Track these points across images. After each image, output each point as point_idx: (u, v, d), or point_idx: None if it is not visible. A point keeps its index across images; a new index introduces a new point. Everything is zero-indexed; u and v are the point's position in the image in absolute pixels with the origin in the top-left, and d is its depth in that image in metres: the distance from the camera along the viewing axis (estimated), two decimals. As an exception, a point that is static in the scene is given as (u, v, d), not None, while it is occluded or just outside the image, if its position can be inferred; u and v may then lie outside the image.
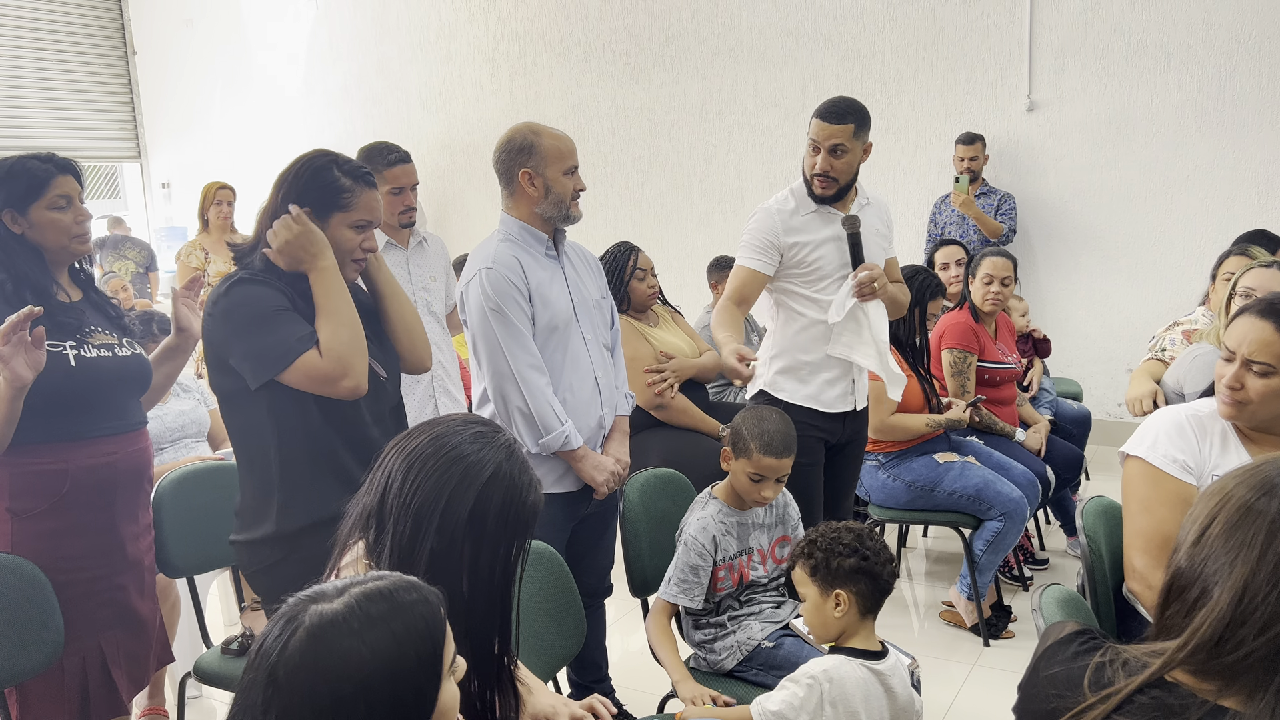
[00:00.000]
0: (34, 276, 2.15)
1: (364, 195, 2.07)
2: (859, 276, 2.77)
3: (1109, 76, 5.52)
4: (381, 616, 1.01)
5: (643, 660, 2.60)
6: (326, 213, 2.04)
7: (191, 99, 9.09)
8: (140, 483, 2.34)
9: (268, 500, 2.03)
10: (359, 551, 1.49)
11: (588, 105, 7.12)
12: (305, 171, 2.04)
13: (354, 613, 1.00)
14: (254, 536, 2.05)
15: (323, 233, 2.03)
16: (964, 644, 3.40)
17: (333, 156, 2.08)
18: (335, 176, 2.04)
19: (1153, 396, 3.13)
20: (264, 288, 1.99)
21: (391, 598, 1.03)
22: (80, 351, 2.18)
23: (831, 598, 1.93)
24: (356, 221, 2.06)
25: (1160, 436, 2.04)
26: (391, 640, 1.00)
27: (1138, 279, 5.60)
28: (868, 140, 2.81)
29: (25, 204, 2.15)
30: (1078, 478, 4.08)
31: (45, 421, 2.11)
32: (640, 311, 3.69)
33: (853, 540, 1.95)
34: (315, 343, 1.96)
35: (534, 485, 1.46)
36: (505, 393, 2.46)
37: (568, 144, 2.51)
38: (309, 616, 1.00)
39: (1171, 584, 1.10)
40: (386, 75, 7.96)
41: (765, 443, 2.27)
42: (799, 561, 2.01)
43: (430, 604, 1.06)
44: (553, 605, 2.14)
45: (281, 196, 2.04)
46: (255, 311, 1.96)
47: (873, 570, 1.93)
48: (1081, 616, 1.73)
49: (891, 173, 6.13)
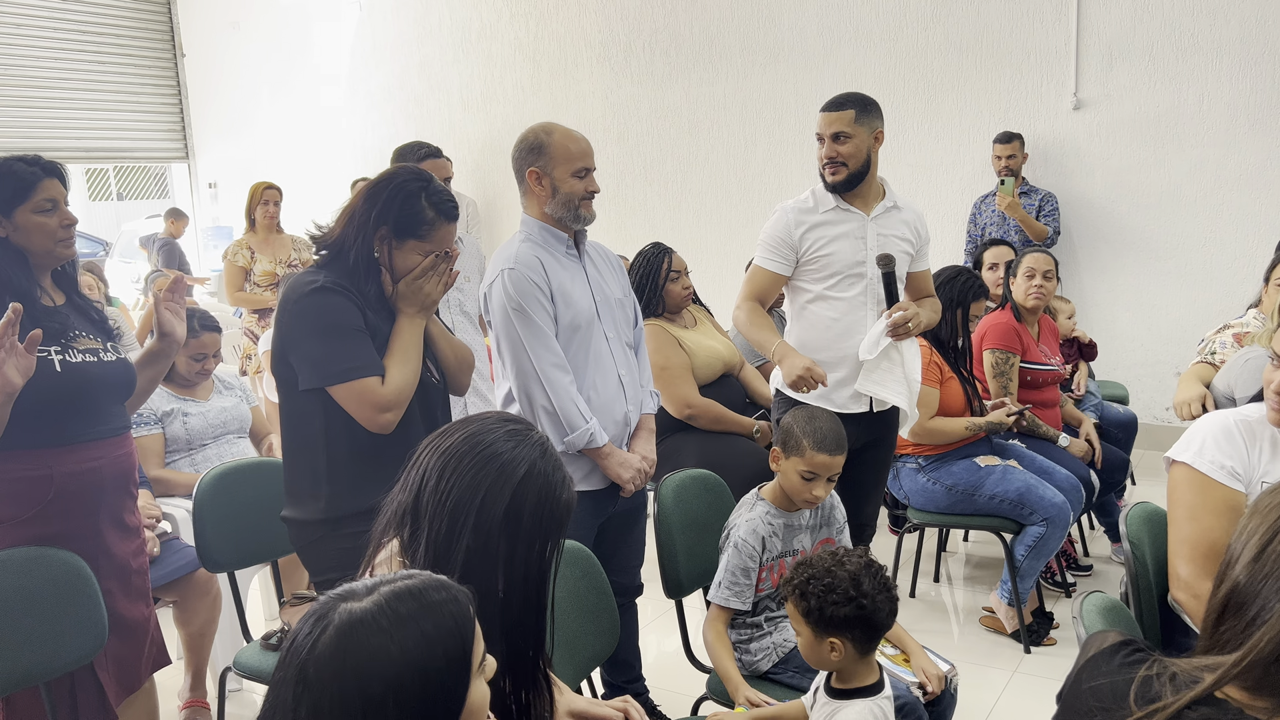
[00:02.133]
0: (17, 280, 2.13)
1: (442, 229, 2.14)
2: (893, 317, 2.76)
3: (1158, 74, 5.41)
4: (411, 615, 1.01)
5: (677, 661, 2.59)
6: (404, 237, 2.11)
7: (238, 100, 9.22)
8: (126, 486, 2.32)
9: (315, 487, 2.12)
10: (393, 549, 1.50)
11: (627, 105, 7.12)
12: (398, 193, 2.11)
13: (383, 611, 1.00)
14: (302, 517, 2.15)
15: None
16: (1004, 650, 3.35)
17: (425, 183, 2.13)
18: (422, 207, 2.11)
19: (1201, 400, 3.07)
20: (346, 301, 2.07)
21: (421, 597, 1.03)
22: (65, 356, 2.16)
23: (826, 643, 1.82)
24: (429, 251, 2.14)
25: (1208, 442, 1.99)
26: (421, 639, 1.00)
27: (1187, 281, 5.49)
28: (877, 127, 2.82)
29: (10, 207, 2.13)
30: (1123, 482, 4.00)
31: (30, 427, 2.09)
32: (674, 313, 3.68)
33: (848, 587, 1.79)
34: (380, 372, 2.06)
35: (567, 483, 1.47)
36: (530, 392, 2.46)
37: (580, 145, 2.50)
38: (338, 615, 1.00)
39: (1229, 599, 1.07)
40: (428, 76, 8.02)
41: (818, 440, 2.26)
42: (790, 595, 1.87)
43: (459, 603, 1.06)
44: (586, 605, 2.14)
45: (375, 212, 2.10)
46: (332, 322, 2.05)
47: (870, 618, 1.80)
48: (1124, 626, 1.69)
49: (933, 172, 6.06)
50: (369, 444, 2.10)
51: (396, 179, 2.13)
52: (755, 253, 2.95)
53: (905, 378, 2.86)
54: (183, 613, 3.01)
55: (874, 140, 2.82)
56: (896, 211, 2.93)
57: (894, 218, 2.91)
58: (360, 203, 2.13)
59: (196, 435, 3.42)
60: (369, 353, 2.06)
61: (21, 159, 2.17)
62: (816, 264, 2.86)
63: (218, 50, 9.26)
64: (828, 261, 2.84)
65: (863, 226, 2.86)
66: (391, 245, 2.11)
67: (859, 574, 1.81)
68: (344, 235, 2.14)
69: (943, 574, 4.04)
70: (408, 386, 2.09)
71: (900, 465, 3.54)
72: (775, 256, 2.89)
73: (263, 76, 9.01)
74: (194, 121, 9.62)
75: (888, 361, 2.84)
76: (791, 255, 2.87)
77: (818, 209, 2.88)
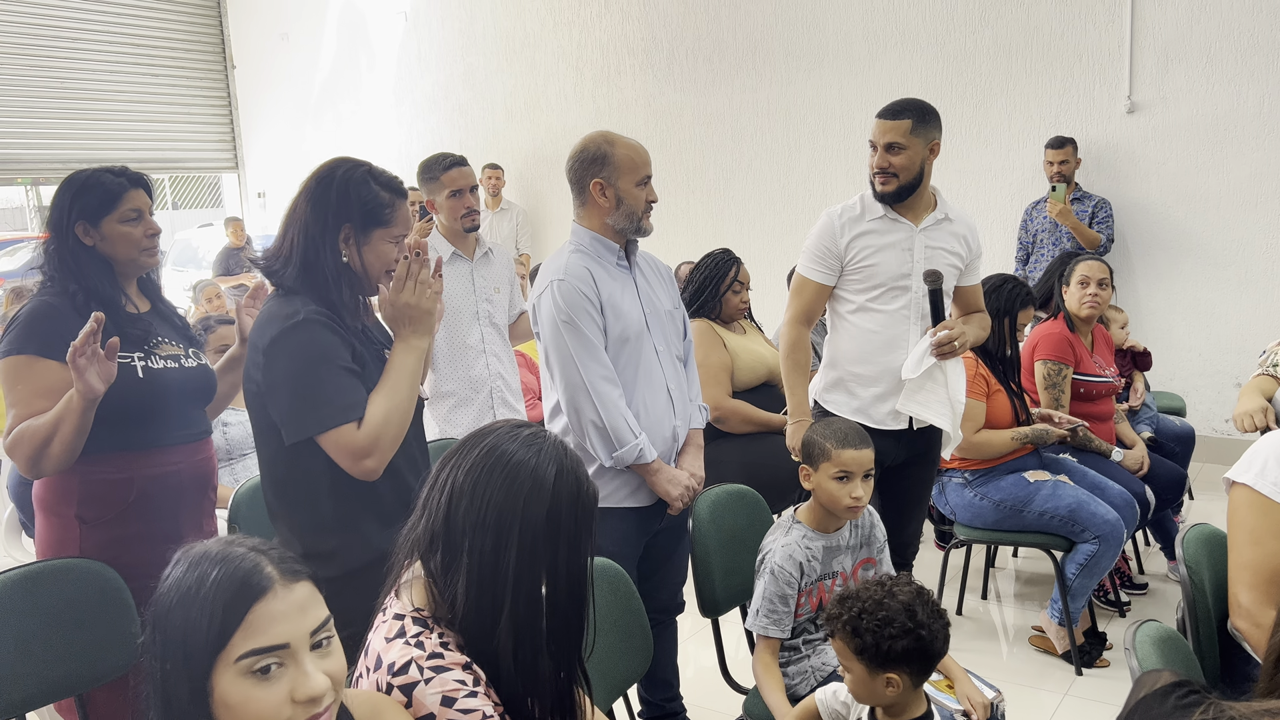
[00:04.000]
0: (103, 288, 2.18)
1: (401, 208, 2.00)
2: (938, 336, 2.69)
3: (1217, 75, 5.24)
4: (200, 563, 1.16)
5: (714, 679, 2.54)
6: (368, 229, 1.95)
7: (286, 110, 9.35)
8: (205, 491, 2.36)
9: (322, 542, 1.94)
10: (416, 572, 1.47)
11: (670, 112, 7.08)
12: (345, 186, 1.93)
13: (190, 559, 1.18)
14: (319, 576, 1.99)
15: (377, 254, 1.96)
16: (1055, 672, 3.24)
17: (367, 167, 2.00)
18: (375, 191, 1.95)
19: (1263, 413, 2.95)
20: (328, 333, 1.87)
21: (217, 558, 1.16)
22: (148, 363, 2.20)
23: (882, 679, 1.73)
24: (397, 236, 1.99)
25: (1270, 462, 1.89)
26: (184, 592, 1.14)
27: (1248, 288, 5.30)
28: (934, 139, 2.73)
29: (98, 217, 2.17)
30: (1180, 498, 3.86)
31: (112, 431, 2.14)
32: (727, 322, 3.65)
33: (904, 619, 1.69)
34: (357, 415, 1.85)
35: (588, 475, 1.49)
36: (578, 405, 2.43)
37: (642, 154, 2.47)
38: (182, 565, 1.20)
39: None
40: (473, 85, 8.05)
41: (841, 438, 2.21)
42: (838, 632, 1.77)
43: (245, 580, 1.13)
44: (620, 624, 2.09)
45: (330, 214, 1.92)
46: (310, 362, 1.84)
47: (928, 648, 1.71)
48: (1181, 657, 1.60)
49: (983, 177, 5.94)
50: (367, 485, 1.93)
51: (337, 172, 1.95)
52: (799, 259, 2.89)
53: (949, 399, 2.78)
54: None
55: (929, 152, 2.74)
56: (948, 223, 2.84)
57: (944, 230, 2.83)
58: (308, 209, 1.93)
59: (236, 445, 3.44)
60: (348, 393, 1.85)
61: (109, 170, 2.21)
62: (861, 274, 2.79)
63: (267, 61, 9.40)
64: (872, 272, 2.78)
65: (910, 238, 2.79)
66: (359, 243, 1.94)
67: (913, 604, 1.72)
68: (304, 249, 1.92)
69: (991, 591, 3.93)
70: (388, 425, 1.87)
71: (946, 480, 3.45)
72: (819, 266, 2.83)
73: (311, 87, 9.12)
74: (244, 132, 9.76)
75: (931, 382, 2.76)
76: (836, 264, 2.81)
77: (865, 216, 2.81)
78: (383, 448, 1.88)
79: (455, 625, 1.42)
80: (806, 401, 2.87)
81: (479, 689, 1.36)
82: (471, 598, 1.40)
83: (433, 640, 1.38)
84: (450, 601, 1.41)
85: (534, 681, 1.44)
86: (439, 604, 1.42)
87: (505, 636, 1.40)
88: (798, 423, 2.84)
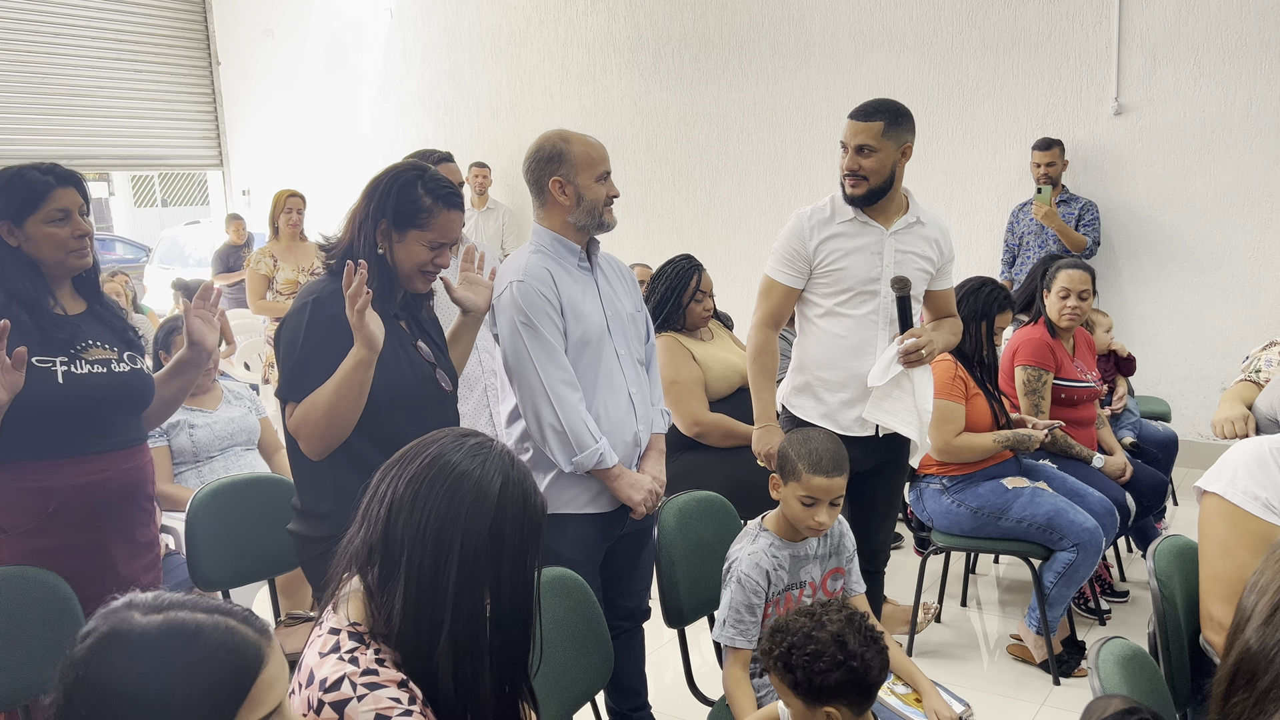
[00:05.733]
0: (26, 290, 2.09)
1: (443, 216, 2.10)
2: (906, 344, 2.64)
3: (1204, 77, 5.20)
4: (169, 650, 0.94)
5: (680, 688, 2.48)
6: (403, 228, 2.09)
7: (271, 107, 9.27)
8: (137, 500, 2.28)
9: (320, 504, 2.09)
10: (353, 586, 1.42)
11: (656, 111, 7.03)
12: (393, 185, 2.09)
13: (147, 638, 0.94)
14: (308, 533, 2.11)
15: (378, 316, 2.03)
16: (1032, 681, 3.19)
17: (420, 172, 2.12)
18: (418, 195, 2.08)
19: (1244, 421, 2.91)
20: (328, 317, 2.03)
21: (193, 638, 0.96)
22: (71, 368, 2.12)
23: (820, 713, 1.68)
24: (432, 241, 2.10)
25: (1240, 471, 1.84)
26: (163, 681, 0.93)
27: (1234, 292, 5.27)
28: (906, 141, 2.68)
29: (21, 216, 2.09)
30: (1162, 504, 3.82)
31: (30, 439, 2.06)
32: (691, 331, 3.59)
33: (834, 651, 1.63)
34: (299, 398, 2.02)
35: (537, 487, 1.44)
36: (537, 409, 2.37)
37: (599, 150, 2.43)
38: (109, 622, 0.95)
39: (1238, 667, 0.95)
40: (458, 83, 7.99)
41: (814, 462, 2.12)
42: (774, 670, 1.72)
43: (237, 655, 0.98)
44: (577, 636, 2.04)
45: (373, 207, 2.10)
46: (303, 340, 2.03)
47: (863, 679, 1.66)
48: (1146, 677, 1.56)
49: (969, 179, 5.89)
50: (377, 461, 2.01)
51: (393, 171, 2.12)
52: (768, 261, 2.84)
53: (916, 407, 2.73)
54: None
55: (901, 155, 2.68)
56: (919, 227, 2.79)
57: (915, 233, 2.78)
58: (361, 202, 2.12)
59: (203, 447, 3.38)
60: (304, 376, 2.01)
61: (36, 167, 2.12)
62: (829, 277, 2.74)
63: (252, 58, 9.32)
64: (841, 275, 2.73)
65: (880, 241, 2.74)
66: (393, 239, 2.09)
67: (843, 633, 1.65)
68: (350, 238, 2.12)
69: (971, 598, 3.88)
70: (307, 419, 2.01)
71: (924, 486, 3.40)
72: (788, 269, 2.78)
73: (296, 84, 9.05)
74: (229, 129, 9.68)
75: (898, 390, 2.71)
76: (805, 267, 2.76)
77: (835, 219, 2.76)
78: (304, 435, 2.01)
79: (392, 641, 1.37)
80: (773, 406, 2.82)
81: (414, 708, 1.31)
82: (409, 614, 1.35)
83: (367, 656, 1.33)
84: (387, 617, 1.36)
85: (475, 701, 1.39)
86: (376, 619, 1.37)
87: (444, 655, 1.35)
88: (764, 428, 2.79)
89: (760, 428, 2.81)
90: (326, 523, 2.05)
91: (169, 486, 3.25)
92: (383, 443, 1.99)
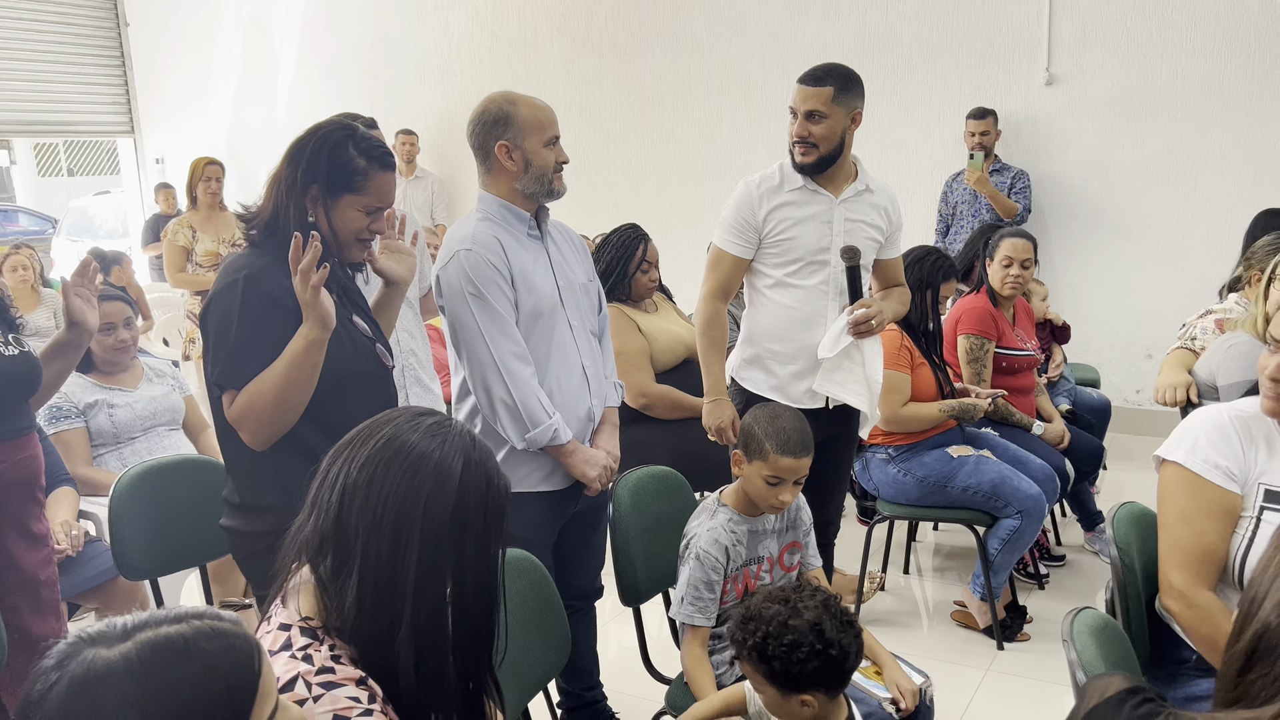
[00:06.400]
0: None
1: (378, 178, 1.97)
2: (855, 314, 2.61)
3: (1133, 48, 5.28)
4: (166, 670, 0.86)
5: (635, 663, 2.44)
6: (337, 193, 1.94)
7: (185, 72, 8.87)
8: (31, 492, 2.15)
9: (262, 497, 1.95)
10: (303, 577, 1.33)
11: (589, 78, 6.90)
12: (322, 147, 1.93)
13: (132, 666, 0.85)
14: (248, 528, 1.97)
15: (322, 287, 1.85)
16: (977, 647, 3.23)
17: (350, 131, 1.97)
18: (351, 156, 1.93)
19: (1186, 387, 2.96)
20: (261, 294, 1.87)
21: (186, 650, 0.88)
22: None
23: (795, 700, 1.64)
24: (368, 205, 1.97)
25: (1200, 439, 1.84)
26: (175, 702, 0.85)
27: (1159, 261, 5.39)
28: (856, 108, 2.64)
29: None
30: (1097, 469, 3.89)
31: None
32: (636, 302, 3.52)
33: (813, 640, 1.58)
34: (240, 385, 1.87)
35: (499, 468, 1.37)
36: (488, 384, 2.28)
37: (547, 113, 2.32)
38: (77, 664, 0.84)
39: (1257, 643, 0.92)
40: (384, 47, 7.73)
41: (782, 442, 2.08)
42: (745, 658, 1.67)
43: (237, 653, 0.91)
44: (534, 617, 1.97)
45: (301, 172, 1.93)
46: (234, 322, 1.87)
47: (841, 667, 1.62)
48: (1117, 645, 1.55)
49: (904, 150, 5.91)
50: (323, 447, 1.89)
51: (318, 132, 1.97)
52: (716, 231, 2.78)
53: (866, 378, 2.71)
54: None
55: (850, 122, 2.64)
56: (868, 195, 2.76)
57: (864, 201, 2.75)
58: (285, 167, 1.96)
59: (124, 428, 3.20)
60: (243, 361, 1.86)
61: None
62: (779, 247, 2.69)
63: (164, 19, 8.89)
64: (790, 245, 2.68)
65: (830, 210, 2.70)
66: (327, 205, 1.94)
67: (820, 621, 1.60)
68: (275, 207, 1.96)
69: (913, 566, 3.91)
70: (251, 406, 1.86)
71: (870, 455, 3.40)
72: (737, 238, 2.73)
73: (211, 46, 8.66)
74: (140, 94, 9.24)
75: (848, 361, 2.69)
76: (754, 236, 2.71)
77: (784, 187, 2.71)
78: (249, 424, 1.87)
79: (347, 636, 1.28)
80: (723, 379, 2.77)
81: (375, 706, 1.23)
82: (366, 606, 1.26)
83: (322, 653, 1.25)
84: (342, 610, 1.27)
85: (438, 696, 1.31)
86: (330, 612, 1.29)
87: (405, 648, 1.27)
88: (714, 401, 2.74)
89: (710, 401, 2.75)
90: (270, 516, 1.90)
91: (88, 470, 3.07)
92: (327, 427, 1.89)
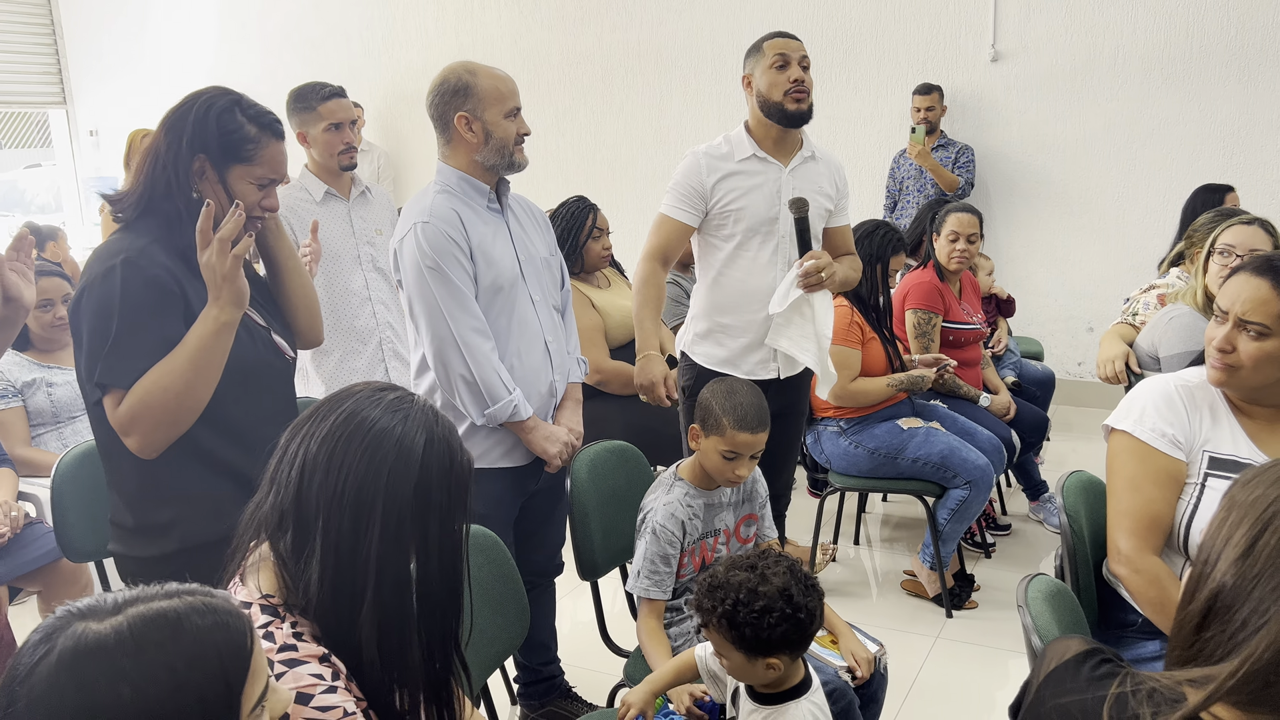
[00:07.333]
0: None
1: (270, 147, 1.81)
2: (804, 266, 2.60)
3: (1075, 25, 5.35)
4: (159, 646, 0.85)
5: (592, 637, 2.44)
6: (226, 164, 1.78)
7: (119, 42, 8.59)
8: None
9: (158, 513, 1.78)
10: (263, 554, 1.31)
11: (538, 50, 6.82)
12: (207, 113, 1.78)
13: (124, 639, 0.84)
14: (146, 554, 1.79)
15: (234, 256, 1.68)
16: (926, 615, 3.29)
17: (236, 97, 1.82)
18: (240, 123, 1.78)
19: (1125, 359, 3.03)
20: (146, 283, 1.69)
21: (178, 624, 0.87)
22: None
23: (761, 664, 1.64)
24: (260, 178, 1.81)
25: (1148, 409, 1.89)
26: (168, 677, 0.84)
27: (1100, 235, 5.50)
28: None
29: None
30: (1042, 440, 3.98)
31: None
32: (589, 273, 3.50)
33: (782, 606, 1.58)
34: (128, 384, 1.66)
35: (462, 444, 1.35)
36: (447, 359, 2.25)
37: (508, 84, 2.29)
38: (66, 637, 0.83)
39: (1212, 603, 0.95)
40: (326, 18, 7.56)
41: (739, 417, 2.08)
42: (713, 625, 1.66)
43: (230, 629, 0.90)
44: (493, 594, 1.96)
45: (184, 143, 1.76)
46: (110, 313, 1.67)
47: (806, 629, 1.62)
48: (1069, 609, 1.59)
49: (852, 125, 5.94)
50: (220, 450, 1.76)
51: (203, 97, 1.81)
52: (664, 199, 2.77)
53: (816, 334, 2.69)
54: (48, 605, 2.74)
55: None
56: (814, 162, 2.78)
57: (812, 169, 2.77)
58: (162, 138, 1.78)
59: (64, 407, 3.12)
60: (129, 356, 1.67)
61: None
62: (728, 217, 2.69)
63: (95, -14, 8.59)
64: (739, 215, 2.68)
65: (778, 179, 2.70)
66: (221, 176, 1.77)
67: (788, 586, 1.61)
68: (150, 183, 1.77)
69: (863, 536, 3.97)
70: (146, 403, 1.66)
71: (821, 428, 3.43)
72: (684, 205, 2.71)
73: (146, 15, 8.40)
74: (71, 64, 8.94)
75: (799, 317, 2.67)
76: (702, 205, 2.70)
77: (733, 156, 2.70)
78: (142, 427, 1.67)
79: (310, 613, 1.26)
80: (655, 336, 2.73)
81: (338, 683, 1.22)
82: (328, 583, 1.25)
83: (284, 630, 1.23)
84: (303, 587, 1.25)
85: (402, 672, 1.30)
86: (291, 590, 1.27)
87: (368, 625, 1.25)
88: (645, 357, 2.70)
89: (642, 357, 2.71)
90: (174, 534, 1.76)
91: (27, 450, 2.99)
92: (225, 428, 1.78)
